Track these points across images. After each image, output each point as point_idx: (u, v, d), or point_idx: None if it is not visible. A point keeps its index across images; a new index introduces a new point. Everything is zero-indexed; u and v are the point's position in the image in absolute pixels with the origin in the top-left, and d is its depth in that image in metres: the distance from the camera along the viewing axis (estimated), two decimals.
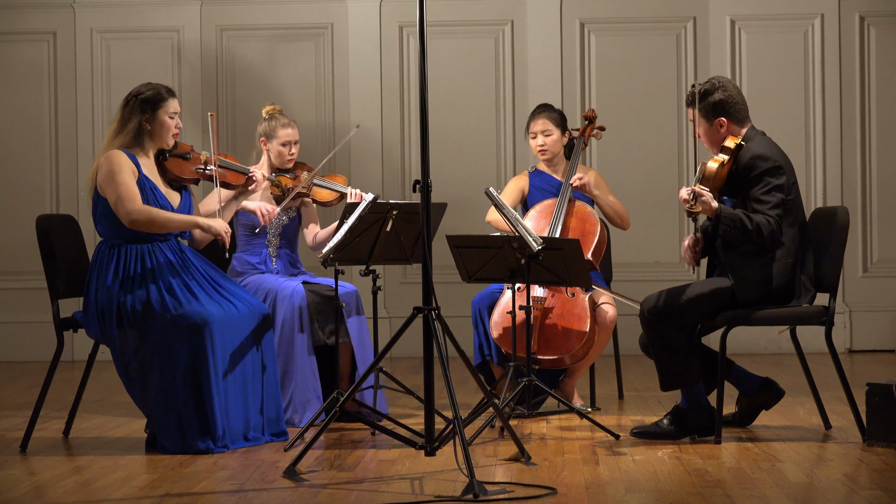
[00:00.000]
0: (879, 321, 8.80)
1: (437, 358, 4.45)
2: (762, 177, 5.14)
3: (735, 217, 5.08)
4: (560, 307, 5.86)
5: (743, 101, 5.31)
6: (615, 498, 4.15)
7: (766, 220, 5.08)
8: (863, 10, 8.81)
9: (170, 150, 5.35)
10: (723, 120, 5.27)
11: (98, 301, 5.17)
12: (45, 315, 7.92)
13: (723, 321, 5.18)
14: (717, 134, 5.29)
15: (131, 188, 5.16)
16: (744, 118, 5.31)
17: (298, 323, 5.69)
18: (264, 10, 8.92)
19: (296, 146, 6.03)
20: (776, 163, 5.16)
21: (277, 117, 6.02)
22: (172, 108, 5.29)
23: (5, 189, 8.95)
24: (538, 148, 6.24)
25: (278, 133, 5.99)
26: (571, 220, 6.06)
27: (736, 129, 5.29)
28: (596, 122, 6.34)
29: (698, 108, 5.28)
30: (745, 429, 5.45)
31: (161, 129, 5.28)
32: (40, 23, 8.95)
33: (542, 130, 6.23)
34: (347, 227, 5.22)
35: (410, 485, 4.40)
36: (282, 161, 6.01)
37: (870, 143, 8.83)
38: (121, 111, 5.30)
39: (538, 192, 6.25)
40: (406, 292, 8.78)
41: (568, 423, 5.68)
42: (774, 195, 5.13)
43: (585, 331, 5.80)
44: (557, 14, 8.85)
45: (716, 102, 5.26)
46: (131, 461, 4.91)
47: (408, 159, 8.89)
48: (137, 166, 5.23)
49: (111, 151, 5.22)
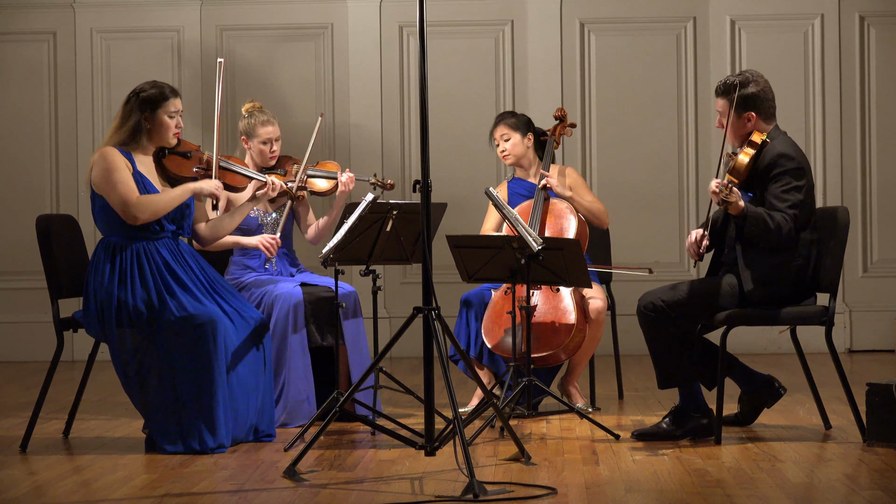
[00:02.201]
0: (879, 321, 8.80)
1: (437, 358, 4.45)
2: (784, 175, 5.13)
3: (760, 216, 5.06)
4: (545, 303, 5.87)
5: (773, 99, 5.29)
6: (615, 498, 4.15)
7: (783, 219, 5.08)
8: (863, 10, 8.81)
9: (171, 147, 5.34)
10: (752, 114, 5.25)
11: (98, 299, 5.17)
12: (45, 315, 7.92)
13: (723, 321, 5.17)
14: (743, 128, 5.26)
15: (128, 187, 5.15)
16: (771, 115, 5.29)
17: (293, 323, 5.67)
18: (264, 10, 8.92)
19: (277, 143, 5.99)
20: (800, 164, 5.16)
21: (256, 115, 5.97)
22: (173, 108, 5.27)
23: (5, 189, 8.95)
24: (501, 154, 6.28)
25: (258, 131, 5.95)
26: (548, 218, 6.09)
27: (762, 125, 5.27)
28: (567, 120, 6.35)
29: (728, 100, 5.25)
30: (745, 429, 5.45)
31: (160, 127, 5.27)
32: (40, 23, 8.95)
33: (501, 135, 6.27)
34: (347, 227, 5.22)
35: (410, 485, 4.40)
36: (264, 159, 5.97)
37: (870, 143, 8.83)
38: (122, 108, 5.30)
39: (518, 198, 6.27)
40: (406, 292, 8.78)
41: (568, 423, 5.68)
42: (794, 195, 5.12)
43: (573, 323, 5.80)
44: (557, 14, 8.85)
45: (748, 95, 5.23)
46: (131, 461, 4.91)
47: (408, 159, 8.89)
48: (132, 162, 5.22)
49: (104, 149, 5.22)
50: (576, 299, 5.86)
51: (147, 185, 5.23)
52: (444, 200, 5.72)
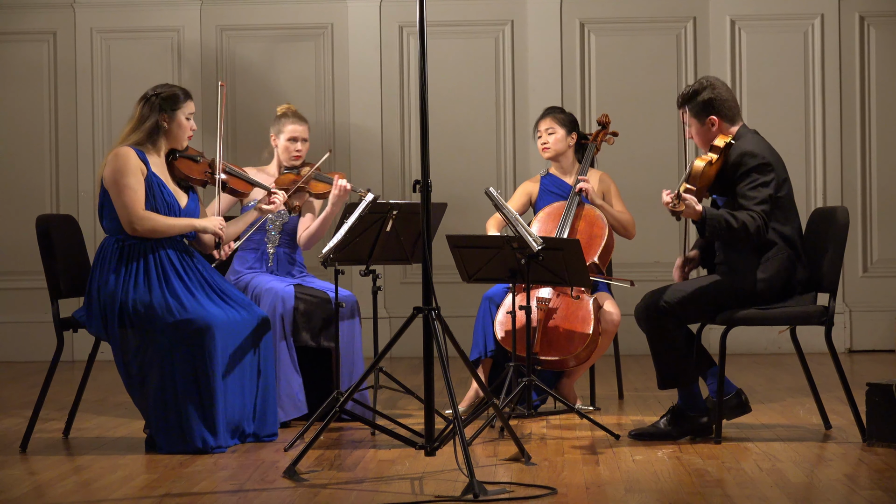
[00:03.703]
0: (879, 321, 8.80)
1: (437, 358, 4.45)
2: (749, 173, 5.14)
3: (720, 217, 5.07)
4: (564, 309, 5.86)
5: (733, 99, 5.31)
6: (615, 498, 4.15)
7: (750, 217, 5.08)
8: (863, 10, 8.81)
9: (181, 150, 5.37)
10: (713, 118, 5.27)
11: (101, 298, 5.17)
12: (45, 315, 7.92)
13: (723, 321, 5.17)
14: (708, 133, 5.29)
15: (136, 194, 5.16)
16: (734, 116, 5.30)
17: (280, 325, 5.66)
18: (264, 10, 8.92)
19: (304, 144, 6.02)
20: (764, 159, 5.16)
21: (288, 114, 6.04)
22: (189, 110, 5.33)
23: (5, 189, 8.95)
24: (541, 146, 6.27)
25: (285, 127, 6.01)
26: (579, 224, 6.07)
27: (727, 127, 5.29)
28: (609, 128, 6.37)
29: (688, 108, 5.29)
30: (745, 429, 5.45)
31: (178, 129, 5.31)
32: (40, 23, 8.95)
33: (546, 129, 6.26)
34: (347, 227, 5.22)
35: (410, 485, 4.40)
36: (288, 157, 6.00)
37: (870, 143, 8.83)
38: (139, 108, 5.31)
39: (548, 195, 6.26)
40: (406, 292, 8.78)
41: (568, 423, 5.68)
42: (760, 191, 5.12)
43: (589, 333, 5.79)
44: (557, 14, 8.85)
45: (705, 101, 5.27)
46: (131, 461, 4.91)
47: (408, 159, 8.89)
48: (146, 163, 5.24)
49: (120, 148, 5.23)
50: (594, 310, 5.85)
51: (162, 186, 5.25)
52: (444, 200, 5.72)
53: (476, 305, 6.20)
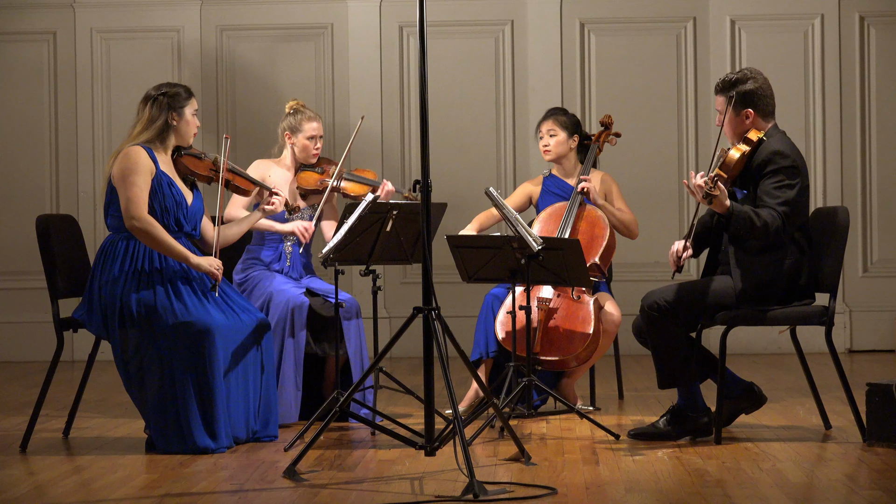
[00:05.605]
0: (879, 321, 8.80)
1: (437, 358, 4.45)
2: (778, 172, 5.12)
3: (746, 214, 5.04)
4: (565, 309, 5.86)
5: (772, 97, 5.29)
6: (615, 498, 4.15)
7: (771, 216, 5.06)
8: (863, 10, 8.81)
9: (185, 148, 5.39)
10: (750, 111, 5.25)
11: (102, 297, 5.17)
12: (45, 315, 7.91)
13: (723, 321, 5.17)
14: (741, 125, 5.26)
15: (142, 192, 5.17)
16: (770, 113, 5.28)
17: (290, 329, 5.67)
18: (264, 10, 8.92)
19: (321, 140, 6.04)
20: (794, 163, 5.15)
21: (302, 111, 6.03)
22: (194, 106, 5.38)
23: (5, 189, 8.95)
24: (543, 148, 6.27)
25: (304, 126, 6.00)
26: (581, 224, 6.07)
27: (761, 122, 5.26)
28: (612, 129, 6.36)
29: (727, 97, 5.24)
30: (745, 429, 5.45)
31: (186, 126, 5.34)
32: (40, 23, 8.95)
33: (548, 130, 6.26)
34: (347, 227, 5.22)
35: (410, 485, 4.40)
36: (306, 155, 6.01)
37: (870, 143, 8.83)
38: (148, 108, 5.31)
39: (550, 196, 6.26)
40: (406, 292, 8.78)
41: (568, 423, 5.68)
42: (786, 192, 5.11)
43: (589, 333, 5.79)
44: (557, 14, 8.85)
45: (747, 92, 5.23)
46: (131, 461, 4.91)
47: (408, 159, 8.90)
48: (155, 161, 5.25)
49: (132, 147, 5.24)
50: (595, 310, 5.84)
51: (171, 184, 5.26)
52: (444, 200, 5.72)
53: (476, 305, 6.20)
